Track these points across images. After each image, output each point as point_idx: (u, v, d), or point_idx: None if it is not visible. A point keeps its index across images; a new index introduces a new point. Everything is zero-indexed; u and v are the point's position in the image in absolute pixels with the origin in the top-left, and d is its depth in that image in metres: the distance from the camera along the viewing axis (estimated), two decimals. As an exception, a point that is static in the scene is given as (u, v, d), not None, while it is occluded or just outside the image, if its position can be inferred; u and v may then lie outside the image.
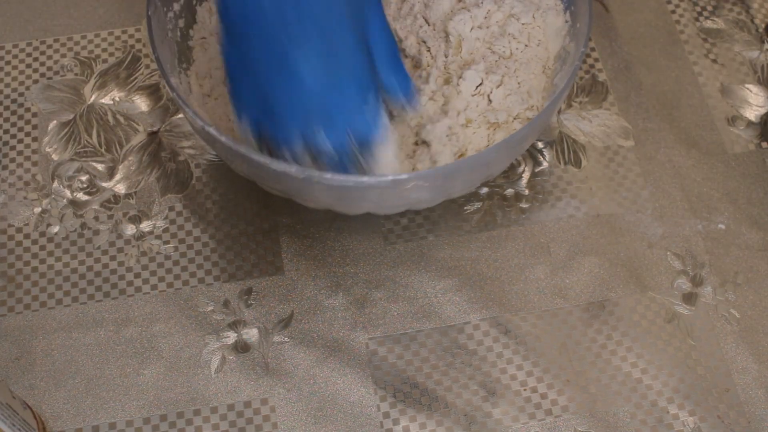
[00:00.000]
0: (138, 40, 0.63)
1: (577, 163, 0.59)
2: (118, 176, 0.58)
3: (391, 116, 0.51)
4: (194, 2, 0.58)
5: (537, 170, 0.58)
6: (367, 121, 0.47)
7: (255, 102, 0.47)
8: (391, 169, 0.49)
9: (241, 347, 0.53)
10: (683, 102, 0.61)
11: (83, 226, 0.56)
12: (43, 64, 0.62)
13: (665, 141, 0.59)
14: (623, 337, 0.53)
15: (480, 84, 0.54)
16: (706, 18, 0.64)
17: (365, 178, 0.46)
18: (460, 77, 0.54)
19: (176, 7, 0.56)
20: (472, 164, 0.48)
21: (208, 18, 0.58)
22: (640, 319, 0.53)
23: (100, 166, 0.58)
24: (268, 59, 0.45)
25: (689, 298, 0.54)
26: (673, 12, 0.65)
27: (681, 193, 0.58)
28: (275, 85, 0.46)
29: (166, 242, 0.56)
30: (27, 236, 0.56)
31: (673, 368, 0.52)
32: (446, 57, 0.56)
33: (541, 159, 0.59)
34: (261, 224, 0.56)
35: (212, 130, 0.47)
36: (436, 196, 0.50)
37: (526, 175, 0.58)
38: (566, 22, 0.55)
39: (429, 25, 0.57)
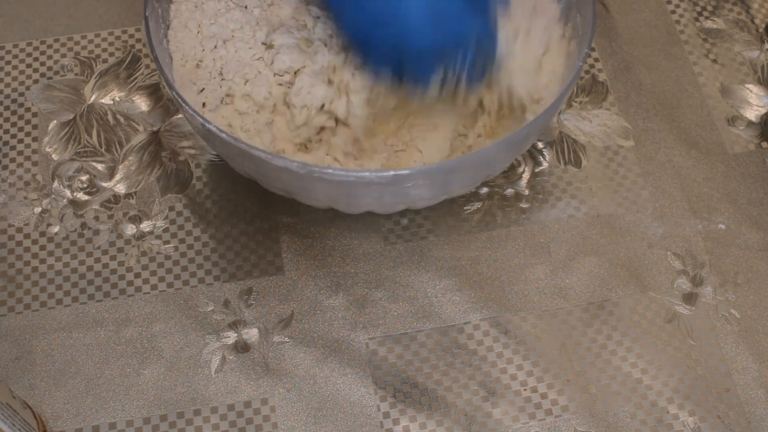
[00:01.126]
0: (138, 40, 0.63)
1: (577, 163, 0.59)
2: (118, 176, 0.58)
3: None
4: (194, 2, 0.58)
5: (537, 170, 0.58)
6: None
7: (389, 51, 0.50)
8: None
9: (241, 347, 0.53)
10: (683, 102, 0.61)
11: (83, 226, 0.56)
12: (43, 64, 0.62)
13: (665, 141, 0.59)
14: (623, 337, 0.53)
15: None
16: (706, 18, 0.64)
17: (366, 173, 0.46)
18: None
19: (176, 7, 0.56)
20: (473, 161, 0.48)
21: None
22: (640, 319, 0.53)
23: (100, 166, 0.58)
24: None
25: (689, 298, 0.54)
26: (673, 12, 0.65)
27: (681, 193, 0.58)
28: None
29: (166, 242, 0.56)
30: (27, 236, 0.56)
31: (673, 368, 0.52)
32: None
33: (541, 159, 0.59)
34: (261, 224, 0.56)
35: (212, 127, 0.47)
36: (436, 193, 0.50)
37: (526, 175, 0.58)
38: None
39: None
